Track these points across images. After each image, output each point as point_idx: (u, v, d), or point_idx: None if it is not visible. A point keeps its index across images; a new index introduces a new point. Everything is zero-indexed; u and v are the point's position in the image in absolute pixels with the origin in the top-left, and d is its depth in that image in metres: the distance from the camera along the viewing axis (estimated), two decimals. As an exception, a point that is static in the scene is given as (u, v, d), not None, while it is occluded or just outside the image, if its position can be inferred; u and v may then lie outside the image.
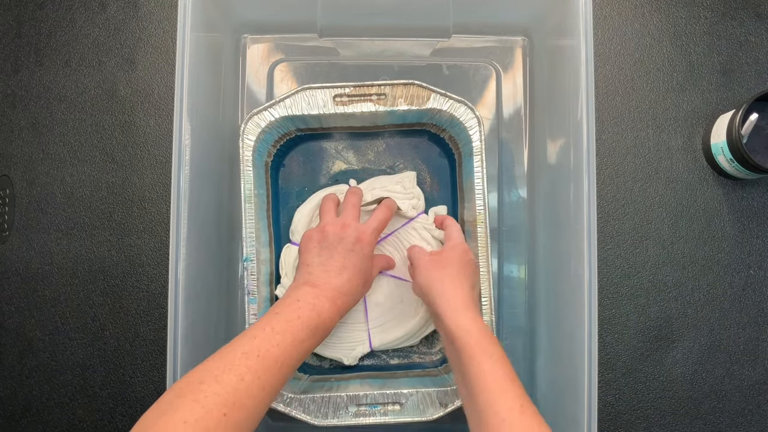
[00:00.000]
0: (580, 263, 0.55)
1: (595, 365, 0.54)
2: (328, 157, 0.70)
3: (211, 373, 0.46)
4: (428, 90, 0.65)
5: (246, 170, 0.64)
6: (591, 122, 0.55)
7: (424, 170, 0.70)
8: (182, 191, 0.56)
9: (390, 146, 0.70)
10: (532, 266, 0.69)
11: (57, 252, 0.71)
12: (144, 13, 0.73)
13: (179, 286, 0.55)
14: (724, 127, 0.66)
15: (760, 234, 0.70)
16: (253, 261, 0.64)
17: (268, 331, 0.51)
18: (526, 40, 0.72)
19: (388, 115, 0.66)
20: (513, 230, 0.70)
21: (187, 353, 0.56)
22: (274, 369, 0.49)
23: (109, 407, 0.70)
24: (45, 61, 0.72)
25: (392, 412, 0.63)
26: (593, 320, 0.55)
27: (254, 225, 0.64)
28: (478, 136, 0.64)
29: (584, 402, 0.54)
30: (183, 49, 0.56)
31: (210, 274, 0.63)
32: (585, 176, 0.55)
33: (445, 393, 0.63)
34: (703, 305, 0.70)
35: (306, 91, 0.65)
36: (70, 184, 0.72)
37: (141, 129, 0.72)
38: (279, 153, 0.69)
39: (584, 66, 0.56)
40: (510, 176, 0.70)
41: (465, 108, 0.65)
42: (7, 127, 0.72)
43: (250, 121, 0.64)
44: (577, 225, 0.56)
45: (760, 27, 0.72)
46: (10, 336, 0.71)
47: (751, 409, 0.69)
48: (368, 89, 0.65)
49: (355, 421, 0.62)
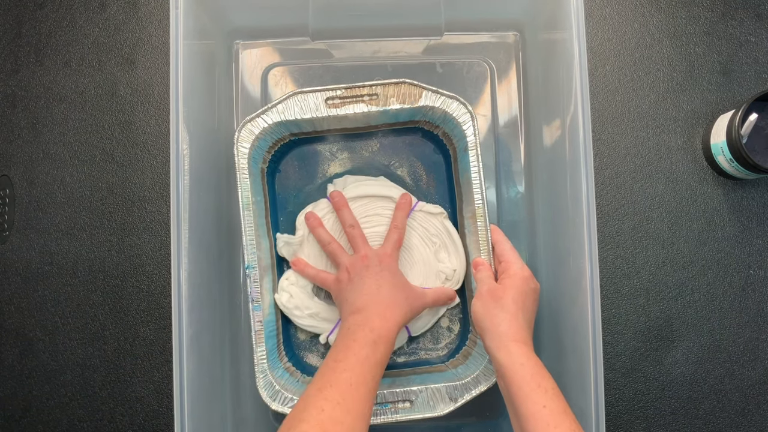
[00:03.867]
0: (581, 256, 0.55)
1: (600, 357, 0.54)
2: (324, 160, 0.70)
3: (294, 419, 0.48)
4: (420, 87, 0.65)
5: (242, 178, 0.64)
6: (586, 114, 0.55)
7: (420, 167, 0.70)
8: (182, 199, 0.56)
9: (384, 146, 0.70)
10: (533, 261, 0.69)
11: (57, 252, 0.71)
12: (144, 13, 0.73)
13: (182, 296, 0.55)
14: (724, 127, 0.66)
15: (760, 234, 0.70)
16: (255, 268, 0.64)
17: (331, 364, 0.53)
18: (518, 35, 0.71)
19: (381, 115, 0.66)
20: (512, 226, 0.70)
21: (193, 363, 0.56)
22: (350, 391, 0.51)
23: (109, 407, 0.70)
24: (45, 61, 0.72)
25: (403, 410, 0.63)
26: (596, 313, 0.54)
27: (254, 232, 0.64)
28: (471, 131, 0.64)
29: (591, 394, 0.54)
30: (177, 58, 0.56)
31: (212, 281, 0.63)
32: (582, 169, 0.55)
33: (455, 388, 0.63)
34: (703, 305, 0.70)
35: (298, 96, 0.65)
36: (70, 184, 0.72)
37: (141, 129, 0.72)
38: (274, 159, 0.69)
39: (577, 58, 0.55)
40: (508, 172, 0.70)
41: (457, 104, 0.65)
42: (7, 127, 0.72)
43: (244, 129, 0.64)
44: (576, 218, 0.56)
45: (760, 27, 0.72)
46: (10, 336, 0.71)
47: (751, 409, 0.69)
48: (360, 90, 0.65)
49: None
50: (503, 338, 0.56)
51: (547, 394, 0.52)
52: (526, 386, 0.52)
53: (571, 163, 0.57)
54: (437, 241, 0.68)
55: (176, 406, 0.55)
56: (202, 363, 0.59)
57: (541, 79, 0.67)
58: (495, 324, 0.57)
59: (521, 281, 0.60)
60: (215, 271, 0.64)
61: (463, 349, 0.68)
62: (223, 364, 0.65)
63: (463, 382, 0.64)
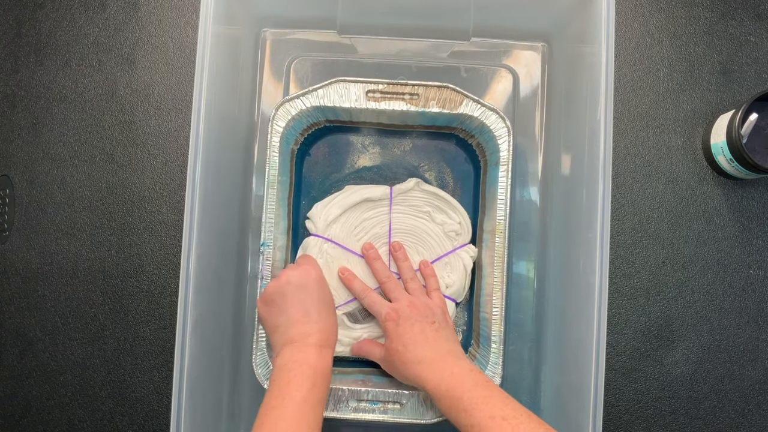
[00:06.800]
0: (592, 271, 0.55)
1: (602, 374, 0.54)
2: (354, 151, 0.70)
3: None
4: (461, 95, 0.65)
5: (272, 155, 0.64)
6: (608, 129, 0.55)
7: (449, 174, 0.70)
8: (197, 184, 0.56)
9: (417, 147, 0.70)
10: (542, 272, 0.69)
11: (57, 252, 0.71)
12: (144, 13, 0.73)
13: (190, 278, 0.56)
14: (724, 127, 0.66)
15: (760, 234, 0.70)
16: (270, 246, 0.64)
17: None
18: (545, 45, 0.71)
19: (419, 116, 0.66)
20: (523, 230, 0.70)
21: (196, 344, 0.56)
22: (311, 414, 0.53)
23: (109, 407, 0.70)
24: (45, 61, 0.72)
25: (392, 411, 0.63)
26: (602, 328, 0.54)
27: (275, 211, 0.65)
28: (506, 146, 0.65)
29: (590, 410, 0.54)
30: (204, 41, 0.56)
31: (220, 266, 0.64)
32: (600, 184, 0.55)
33: None
34: (703, 305, 0.70)
35: (339, 84, 0.65)
36: (70, 184, 0.72)
37: (141, 129, 0.72)
38: (306, 142, 0.69)
39: (604, 74, 0.55)
40: (523, 180, 0.70)
41: (496, 116, 0.65)
42: (7, 127, 0.72)
43: (281, 108, 0.65)
44: (589, 233, 0.56)
45: (760, 27, 0.72)
46: (10, 336, 0.71)
47: (751, 409, 0.69)
48: (401, 88, 0.65)
49: (354, 416, 0.63)
50: (434, 368, 0.57)
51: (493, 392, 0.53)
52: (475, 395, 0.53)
53: (588, 176, 0.57)
54: (428, 208, 0.68)
55: (174, 397, 0.55)
56: (205, 345, 0.59)
57: (564, 91, 0.67)
58: (415, 373, 0.58)
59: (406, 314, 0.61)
60: (225, 255, 0.65)
61: None
62: (224, 351, 0.66)
63: None
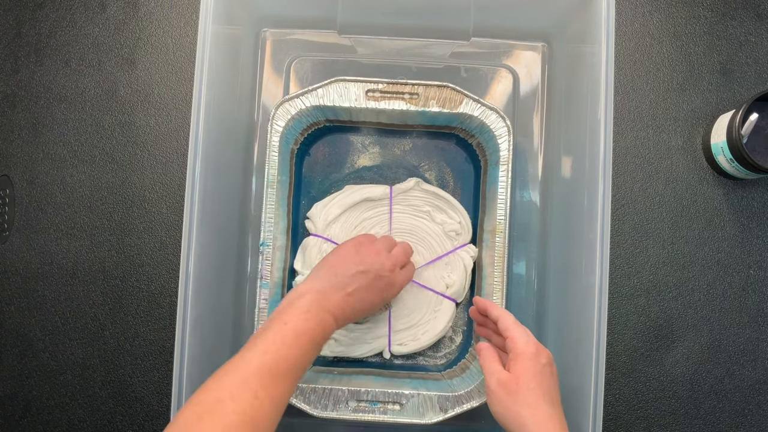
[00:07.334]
0: (592, 271, 0.55)
1: (602, 374, 0.54)
2: (354, 150, 0.70)
3: (227, 391, 0.46)
4: (461, 94, 0.65)
5: (272, 155, 0.64)
6: (609, 130, 0.55)
7: (449, 174, 0.70)
8: (197, 184, 0.56)
9: (417, 146, 0.70)
10: (542, 272, 0.69)
11: (57, 252, 0.71)
12: (144, 13, 0.73)
13: (190, 278, 0.55)
14: (724, 127, 0.66)
15: (760, 234, 0.70)
16: (270, 246, 0.64)
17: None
18: (545, 45, 0.71)
19: (419, 116, 0.66)
20: (523, 230, 0.70)
21: (195, 344, 0.56)
22: (284, 382, 0.49)
23: (109, 407, 0.70)
24: (45, 61, 0.72)
25: (391, 412, 0.63)
26: (602, 328, 0.54)
27: (274, 211, 0.65)
28: (506, 146, 0.65)
29: (590, 410, 0.54)
30: (204, 41, 0.56)
31: (220, 266, 0.64)
32: (600, 185, 0.55)
33: (447, 398, 0.63)
34: (703, 305, 0.70)
35: (339, 83, 0.65)
36: (70, 184, 0.72)
37: (141, 129, 0.72)
38: (306, 141, 0.69)
39: (604, 74, 0.55)
40: (523, 180, 0.70)
41: (496, 116, 0.65)
42: (7, 127, 0.72)
43: (281, 108, 0.65)
44: (589, 233, 0.56)
45: (760, 27, 0.72)
46: (10, 336, 0.71)
47: (751, 409, 0.69)
48: (401, 87, 0.65)
49: (354, 416, 0.63)
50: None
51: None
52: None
53: (588, 177, 0.57)
54: (427, 207, 0.68)
55: (174, 397, 0.55)
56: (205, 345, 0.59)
57: (564, 91, 0.67)
58: (521, 425, 0.51)
59: (530, 362, 0.53)
60: (224, 255, 0.65)
61: (462, 362, 0.68)
62: (224, 351, 0.66)
63: (456, 395, 0.63)
